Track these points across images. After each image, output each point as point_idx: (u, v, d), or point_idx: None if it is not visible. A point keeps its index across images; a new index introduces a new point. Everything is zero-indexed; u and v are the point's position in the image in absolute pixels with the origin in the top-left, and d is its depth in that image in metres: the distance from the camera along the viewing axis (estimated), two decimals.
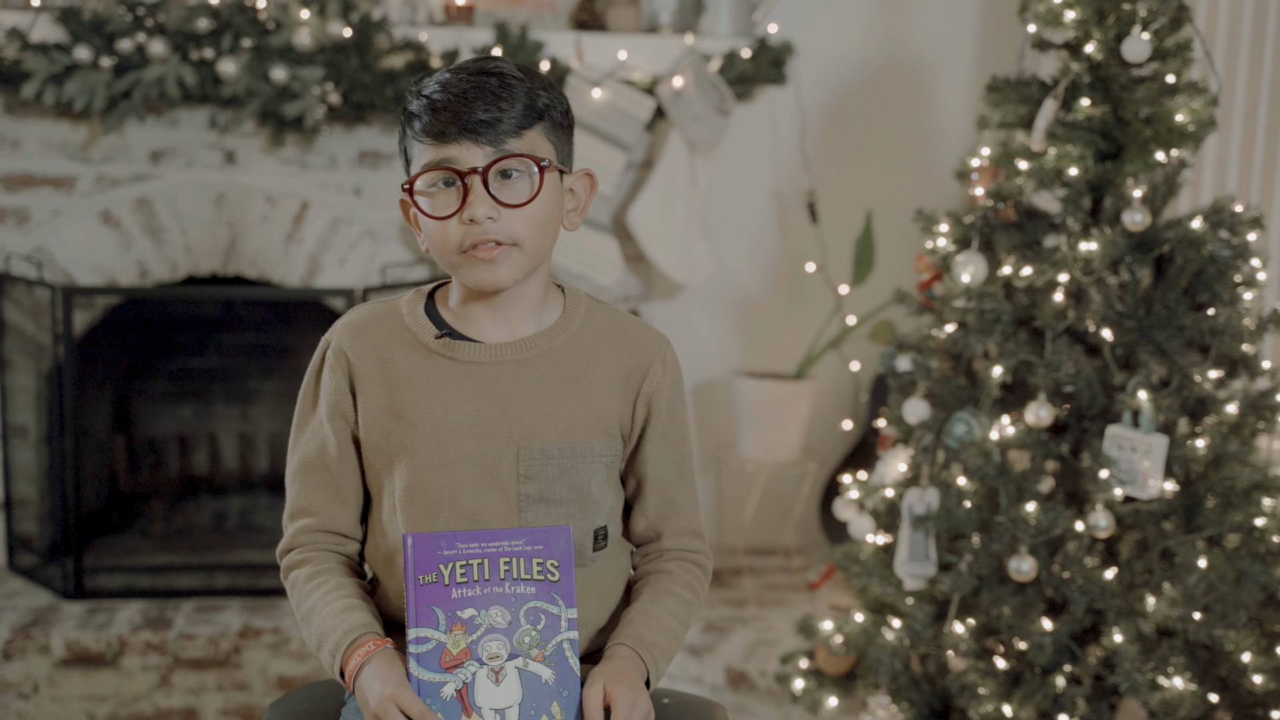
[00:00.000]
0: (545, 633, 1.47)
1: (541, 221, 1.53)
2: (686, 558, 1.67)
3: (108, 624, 3.22)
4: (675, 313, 3.87)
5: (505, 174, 1.50)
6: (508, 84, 1.50)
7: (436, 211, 1.51)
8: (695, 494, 1.69)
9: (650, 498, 1.66)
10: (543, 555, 1.48)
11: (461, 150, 1.49)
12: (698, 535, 1.69)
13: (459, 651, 1.45)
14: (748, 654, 3.26)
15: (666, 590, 1.63)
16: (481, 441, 1.55)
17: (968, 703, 2.52)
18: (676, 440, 1.65)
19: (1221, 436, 2.50)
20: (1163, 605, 2.42)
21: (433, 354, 1.57)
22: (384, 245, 3.55)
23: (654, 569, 1.67)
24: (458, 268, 1.53)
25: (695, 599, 1.66)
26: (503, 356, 1.57)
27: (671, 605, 1.62)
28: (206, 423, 3.91)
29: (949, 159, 3.79)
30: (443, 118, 1.49)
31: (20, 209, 3.44)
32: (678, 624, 1.61)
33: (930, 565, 2.60)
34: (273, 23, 3.25)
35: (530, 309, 1.59)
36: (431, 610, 1.45)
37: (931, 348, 2.68)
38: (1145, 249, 2.53)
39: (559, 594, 1.48)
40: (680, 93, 3.48)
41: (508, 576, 1.47)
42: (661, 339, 1.64)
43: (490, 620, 1.46)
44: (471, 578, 1.46)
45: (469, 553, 1.47)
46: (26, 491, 3.58)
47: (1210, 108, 2.52)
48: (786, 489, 3.95)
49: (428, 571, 1.46)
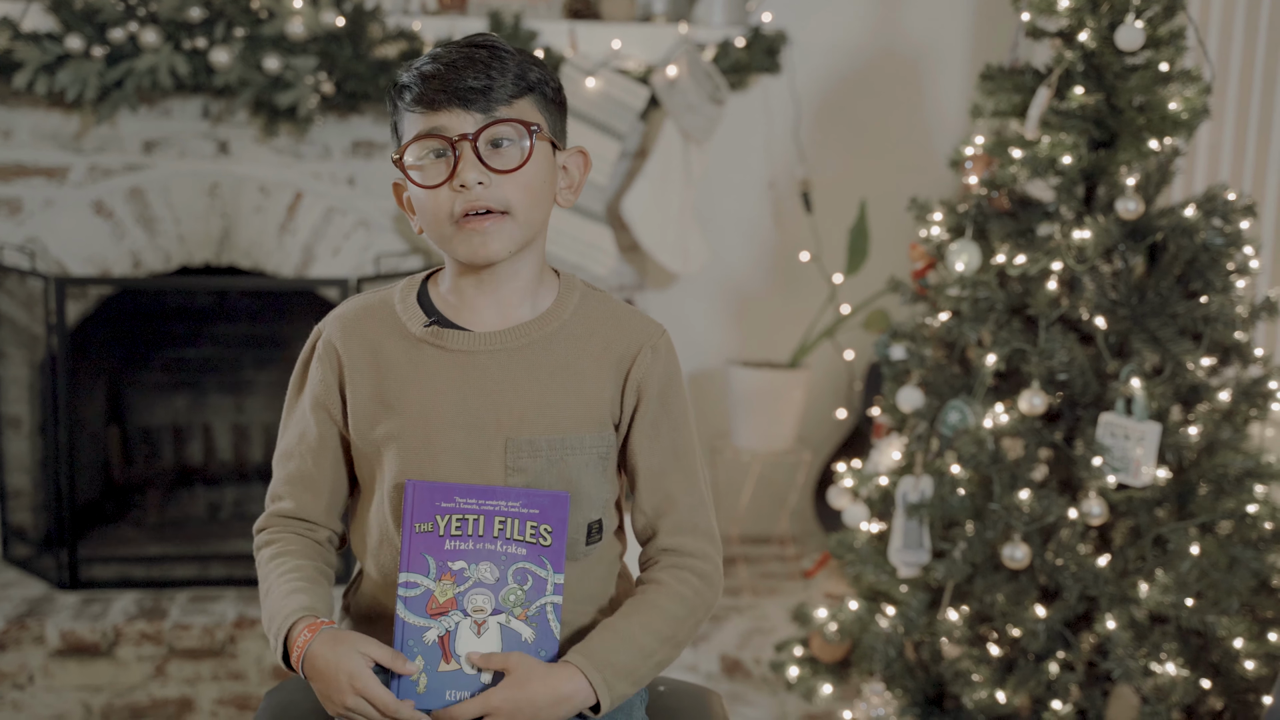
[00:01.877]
0: (530, 594, 1.49)
1: (534, 189, 1.51)
2: (684, 565, 1.58)
3: (103, 614, 3.22)
4: (670, 302, 3.87)
5: (496, 143, 1.49)
6: (498, 55, 1.50)
7: (427, 180, 1.50)
8: (698, 489, 1.61)
9: (644, 491, 1.60)
10: (537, 519, 1.50)
11: (452, 118, 1.48)
12: (701, 535, 1.60)
13: (445, 600, 1.48)
14: (743, 642, 3.27)
15: (648, 603, 1.55)
16: (469, 432, 1.53)
17: (962, 689, 2.52)
18: (670, 430, 1.60)
19: (1214, 424, 2.51)
20: (1155, 592, 2.43)
21: (421, 343, 1.56)
22: (378, 235, 3.54)
23: (646, 579, 1.59)
24: (450, 240, 1.51)
25: (685, 611, 1.56)
26: (491, 345, 1.55)
27: (648, 618, 1.54)
28: (201, 413, 3.91)
29: (943, 148, 3.79)
30: (433, 85, 1.48)
31: (12, 199, 3.43)
32: (653, 640, 1.53)
33: (924, 553, 2.60)
34: (265, 12, 3.24)
35: (524, 290, 1.57)
36: (424, 557, 1.48)
37: (925, 336, 2.68)
38: (1138, 237, 2.53)
39: (548, 558, 1.50)
40: (674, 82, 3.48)
41: (501, 535, 1.49)
42: (656, 327, 1.61)
43: (479, 575, 1.49)
44: (465, 532, 1.49)
45: (466, 507, 1.49)
46: (20, 482, 3.58)
47: (1203, 96, 2.52)
48: (781, 478, 3.95)
49: (424, 520, 1.49)
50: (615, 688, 1.50)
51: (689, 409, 1.63)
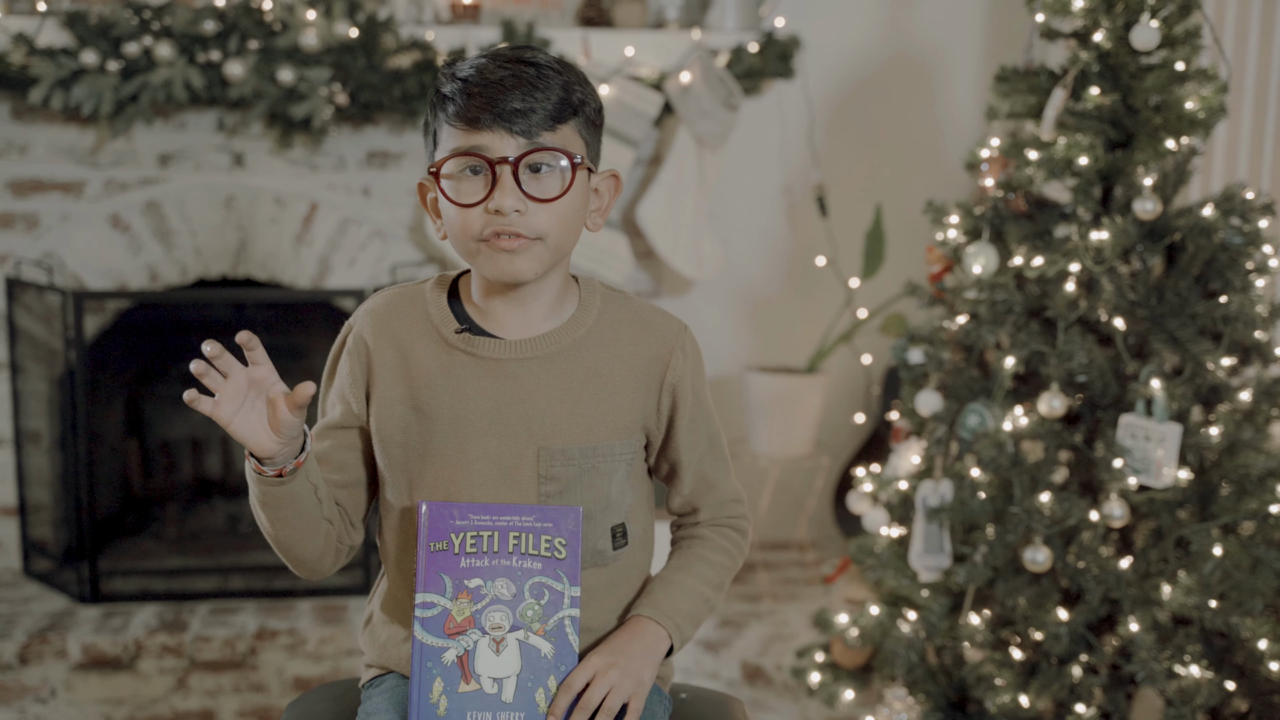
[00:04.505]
0: (548, 608, 1.49)
1: (567, 219, 1.50)
2: (723, 522, 1.69)
3: (124, 627, 3.22)
4: (685, 308, 3.87)
5: (535, 168, 1.47)
6: (544, 75, 1.47)
7: (461, 198, 1.48)
8: (728, 465, 1.70)
9: (686, 479, 1.66)
10: (551, 533, 1.50)
11: (494, 139, 1.45)
12: (734, 500, 1.70)
13: (463, 619, 1.48)
14: (764, 648, 3.26)
15: (696, 555, 1.65)
16: (501, 441, 1.53)
17: (984, 694, 2.51)
18: (705, 421, 1.65)
19: (1235, 424, 2.49)
20: (1178, 594, 2.42)
21: (453, 349, 1.54)
22: (394, 245, 3.55)
23: (688, 535, 1.69)
24: (475, 255, 1.50)
25: (729, 560, 1.67)
26: (523, 353, 1.54)
27: (700, 569, 1.63)
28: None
29: (958, 150, 3.78)
30: (477, 103, 1.45)
31: (30, 214, 3.45)
32: (706, 587, 1.63)
33: (945, 557, 2.60)
34: (279, 24, 3.25)
35: (549, 305, 1.56)
36: (440, 577, 1.48)
37: (943, 339, 2.67)
38: (1156, 237, 2.52)
39: (564, 571, 1.50)
40: (688, 88, 3.48)
41: (515, 550, 1.49)
42: (678, 324, 1.62)
43: (495, 591, 1.49)
44: (480, 549, 1.49)
45: (480, 524, 1.49)
46: (41, 496, 3.59)
47: (1220, 94, 2.51)
48: (799, 483, 3.95)
49: (439, 539, 1.49)
50: (683, 629, 1.59)
51: (709, 394, 1.69)
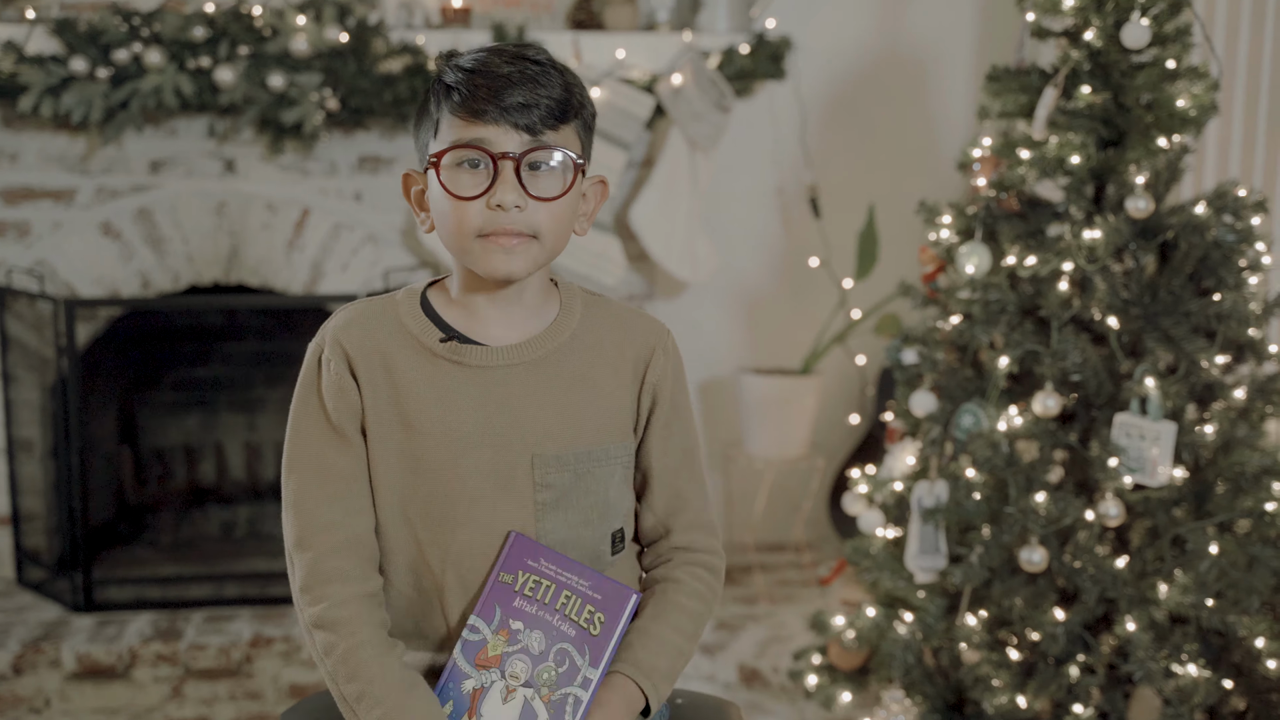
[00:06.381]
0: (561, 679, 1.48)
1: (563, 219, 1.49)
2: (696, 560, 1.61)
3: (118, 636, 3.21)
4: (679, 311, 3.86)
5: (534, 166, 1.45)
6: (548, 73, 1.45)
7: (460, 191, 1.45)
8: (704, 487, 1.64)
9: (658, 491, 1.60)
10: (597, 605, 1.50)
11: (497, 133, 1.43)
12: (708, 530, 1.63)
13: (493, 655, 1.48)
14: (760, 651, 3.25)
15: (672, 603, 1.58)
16: (495, 451, 1.50)
17: (982, 694, 2.51)
18: (681, 430, 1.60)
19: (1230, 422, 2.49)
20: (1175, 592, 2.41)
21: (437, 359, 1.50)
22: (386, 250, 3.54)
23: (662, 576, 1.61)
24: (469, 252, 1.47)
25: (704, 607, 1.60)
26: (510, 360, 1.51)
27: (676, 619, 1.57)
28: (212, 432, 3.91)
29: (950, 150, 3.78)
30: (482, 95, 1.43)
31: (20, 222, 3.44)
32: (682, 639, 1.57)
33: (941, 558, 2.59)
34: (269, 29, 3.24)
35: (533, 306, 1.54)
36: (494, 607, 1.49)
37: (937, 340, 2.67)
38: (1149, 236, 2.52)
39: (591, 649, 1.49)
40: (679, 90, 3.47)
41: (561, 610, 1.49)
42: (660, 326, 1.61)
43: (528, 642, 1.49)
44: (535, 596, 1.49)
45: (545, 572, 1.49)
46: (34, 505, 3.58)
47: (1211, 92, 2.51)
48: (795, 485, 3.94)
49: (509, 572, 1.49)
50: (660, 689, 1.55)
51: (692, 406, 1.65)
